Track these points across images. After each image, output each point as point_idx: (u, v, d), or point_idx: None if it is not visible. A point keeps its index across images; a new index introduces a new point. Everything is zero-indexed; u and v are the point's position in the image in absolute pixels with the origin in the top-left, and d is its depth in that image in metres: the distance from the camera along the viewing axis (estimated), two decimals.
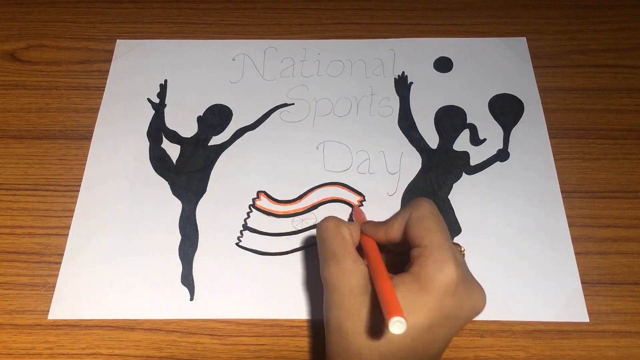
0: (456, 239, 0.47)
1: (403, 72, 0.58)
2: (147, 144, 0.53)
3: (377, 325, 0.33)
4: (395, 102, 0.56)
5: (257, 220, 0.49)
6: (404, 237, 0.36)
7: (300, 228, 0.48)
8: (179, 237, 0.48)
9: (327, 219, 0.39)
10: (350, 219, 0.49)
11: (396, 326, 0.28)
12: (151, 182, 0.51)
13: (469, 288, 0.34)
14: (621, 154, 0.52)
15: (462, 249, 0.38)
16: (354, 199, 0.50)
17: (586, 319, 0.44)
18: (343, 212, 0.49)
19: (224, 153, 0.53)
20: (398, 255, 0.38)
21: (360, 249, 0.38)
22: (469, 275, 0.35)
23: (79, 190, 0.50)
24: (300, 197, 0.50)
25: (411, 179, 0.51)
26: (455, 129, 0.54)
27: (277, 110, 0.55)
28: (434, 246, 0.33)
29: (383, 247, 0.39)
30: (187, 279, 0.46)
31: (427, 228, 0.35)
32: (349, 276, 0.35)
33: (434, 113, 0.55)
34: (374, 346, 0.33)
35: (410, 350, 0.33)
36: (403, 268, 0.35)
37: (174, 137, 0.53)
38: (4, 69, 0.58)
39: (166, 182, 0.51)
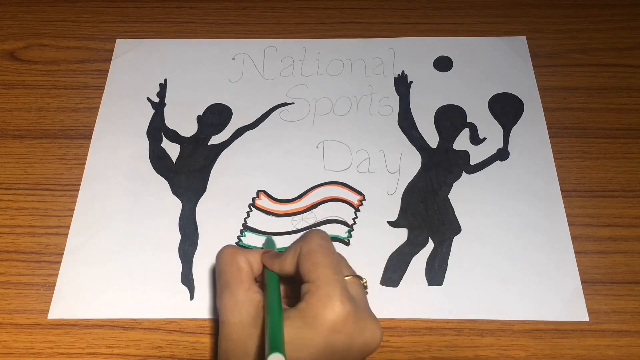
0: (456, 239, 0.47)
1: (403, 72, 0.58)
2: (147, 143, 0.53)
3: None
4: (395, 101, 0.56)
5: (257, 220, 0.49)
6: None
7: (300, 227, 0.48)
8: (178, 237, 0.48)
9: (224, 248, 0.38)
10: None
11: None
12: (151, 182, 0.51)
13: (360, 324, 0.33)
14: (621, 153, 0.52)
15: (364, 281, 0.37)
16: (354, 198, 0.50)
17: (586, 318, 0.44)
18: (343, 212, 0.49)
19: (223, 152, 0.53)
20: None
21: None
22: (362, 310, 0.34)
23: (78, 190, 0.50)
24: (300, 197, 0.50)
25: (411, 178, 0.51)
26: (455, 128, 0.54)
27: (277, 110, 0.55)
28: (321, 282, 0.33)
29: (290, 278, 0.38)
30: (187, 278, 0.46)
31: (315, 262, 0.34)
32: (240, 307, 0.35)
33: (434, 112, 0.55)
34: None
35: None
36: None
37: (174, 136, 0.53)
38: (4, 68, 0.58)
39: (166, 182, 0.51)
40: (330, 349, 0.32)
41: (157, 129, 0.54)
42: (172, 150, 0.53)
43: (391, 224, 0.48)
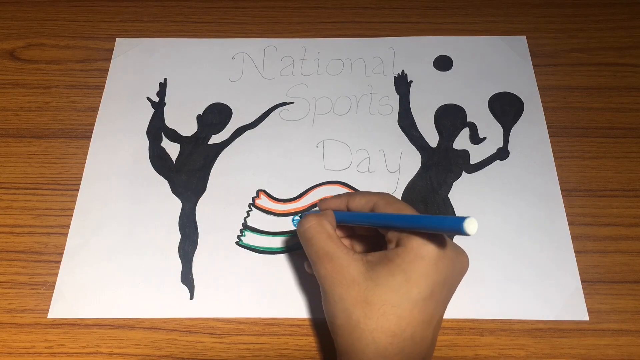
0: (455, 238, 0.47)
1: (403, 71, 0.58)
2: (147, 142, 0.53)
3: (385, 307, 0.34)
4: (395, 100, 0.56)
5: (257, 219, 0.49)
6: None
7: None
8: (178, 236, 0.48)
9: (306, 218, 0.39)
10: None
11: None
12: (151, 181, 0.51)
13: (454, 250, 0.36)
14: (621, 153, 0.52)
15: None
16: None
17: (586, 318, 0.44)
18: None
19: (223, 152, 0.53)
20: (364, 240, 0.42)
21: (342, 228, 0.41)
22: (450, 239, 0.36)
23: (78, 189, 0.50)
24: (300, 196, 0.50)
25: (411, 178, 0.51)
26: (455, 127, 0.54)
27: (277, 109, 0.55)
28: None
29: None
30: (187, 278, 0.46)
31: (399, 209, 0.37)
32: (347, 268, 0.35)
33: (434, 112, 0.55)
34: (385, 326, 0.33)
35: (419, 322, 0.34)
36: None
37: (174, 135, 0.53)
38: (4, 67, 0.58)
39: (166, 181, 0.51)
40: (440, 277, 0.34)
41: (157, 129, 0.54)
42: (172, 149, 0.53)
43: None
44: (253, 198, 0.50)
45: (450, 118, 0.54)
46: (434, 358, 0.42)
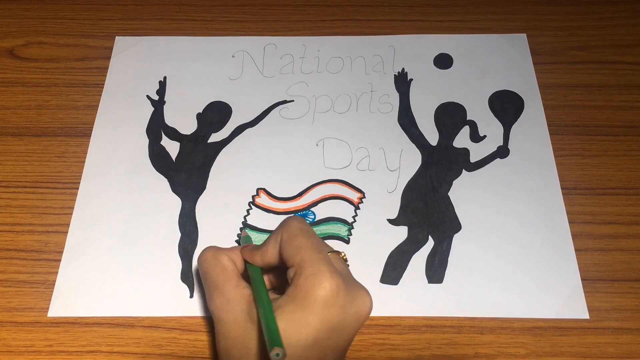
0: (456, 236, 0.47)
1: (403, 69, 0.58)
2: (147, 141, 0.53)
3: (264, 351, 0.32)
4: (395, 98, 0.56)
5: (257, 218, 0.49)
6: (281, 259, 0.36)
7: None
8: (178, 234, 0.48)
9: (205, 250, 0.39)
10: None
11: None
12: (150, 180, 0.51)
13: (351, 295, 0.33)
14: (621, 151, 0.52)
15: (343, 255, 0.37)
16: (354, 196, 0.50)
17: (586, 316, 0.44)
18: (343, 209, 0.49)
19: (223, 150, 0.52)
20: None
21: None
22: (350, 281, 0.34)
23: (78, 188, 0.50)
24: (300, 194, 0.50)
25: (411, 176, 0.51)
26: (455, 125, 0.54)
27: (277, 107, 0.55)
28: (305, 262, 0.33)
29: (274, 268, 0.39)
30: (187, 276, 0.46)
31: (298, 246, 0.34)
32: (232, 305, 0.35)
33: (434, 110, 0.55)
34: None
35: None
36: None
37: (174, 134, 0.53)
38: (3, 66, 0.58)
39: (165, 180, 0.51)
40: (326, 325, 0.32)
41: (157, 127, 0.54)
42: (172, 148, 0.53)
43: (391, 221, 0.48)
44: (253, 196, 0.50)
45: (451, 116, 0.54)
46: (433, 357, 0.42)
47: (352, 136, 0.53)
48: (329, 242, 0.47)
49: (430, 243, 0.47)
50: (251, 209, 0.49)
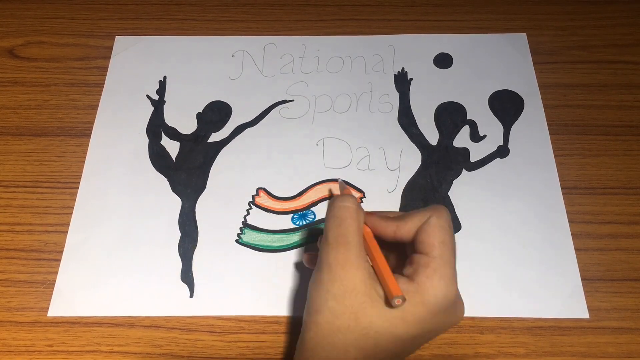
0: (456, 236, 0.47)
1: (403, 69, 0.58)
2: (147, 140, 0.53)
3: (371, 327, 0.33)
4: (395, 98, 0.56)
5: (257, 217, 0.49)
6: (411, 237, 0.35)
7: (300, 225, 0.48)
8: (178, 234, 0.48)
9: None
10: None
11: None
12: (150, 179, 0.51)
13: (457, 304, 0.34)
14: (621, 150, 0.52)
15: None
16: (354, 195, 0.50)
17: (586, 316, 0.44)
18: None
19: (223, 150, 0.52)
20: (389, 249, 0.38)
21: None
22: (458, 291, 0.35)
23: (78, 187, 0.50)
24: (300, 194, 0.50)
25: (411, 176, 0.51)
26: (455, 125, 0.54)
27: (277, 107, 0.55)
28: (441, 262, 0.33)
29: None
30: (187, 276, 0.46)
31: (443, 241, 0.34)
32: (355, 271, 0.33)
33: (434, 109, 0.55)
34: (362, 345, 0.33)
35: (393, 355, 0.34)
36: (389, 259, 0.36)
37: (174, 133, 0.53)
38: (3, 65, 0.58)
39: (165, 179, 0.51)
40: (431, 326, 0.34)
41: (157, 127, 0.54)
42: (172, 147, 0.53)
43: None
44: (253, 196, 0.50)
45: (451, 116, 0.54)
46: (433, 356, 0.42)
47: (352, 136, 0.53)
48: None
49: None
50: (251, 208, 0.49)
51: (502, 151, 0.52)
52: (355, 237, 0.34)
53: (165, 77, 0.57)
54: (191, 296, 0.45)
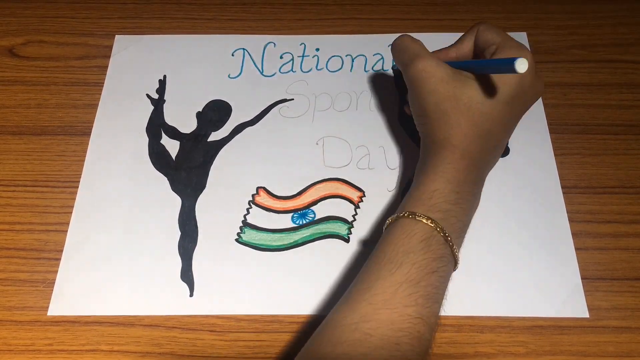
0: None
1: None
2: (146, 140, 0.53)
3: (473, 102, 0.40)
4: (395, 97, 0.56)
5: (257, 216, 0.49)
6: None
7: (300, 224, 0.48)
8: (178, 233, 0.48)
9: (402, 35, 0.45)
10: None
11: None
12: (150, 178, 0.51)
13: (537, 74, 0.41)
14: (621, 150, 0.52)
15: None
16: (354, 194, 0.50)
17: (586, 315, 0.44)
18: (343, 208, 0.49)
19: (223, 149, 0.52)
20: None
21: None
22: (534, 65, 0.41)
23: (78, 187, 0.50)
24: (300, 193, 0.50)
25: (411, 175, 0.51)
26: None
27: (277, 106, 0.55)
28: (507, 40, 0.41)
29: None
30: (187, 275, 0.46)
31: (499, 32, 0.42)
32: (436, 68, 0.40)
33: None
34: (469, 116, 0.40)
35: (497, 121, 0.40)
36: None
37: (173, 132, 0.53)
38: (3, 64, 0.58)
39: (165, 178, 0.51)
40: (523, 87, 0.40)
41: (157, 126, 0.54)
42: (172, 147, 0.53)
43: None
44: (253, 195, 0.50)
45: None
46: (433, 356, 0.42)
47: (352, 135, 0.53)
48: (328, 240, 0.47)
49: None
50: (251, 207, 0.49)
51: None
52: (423, 51, 0.42)
53: (165, 76, 0.57)
54: (191, 295, 0.45)
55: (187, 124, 0.54)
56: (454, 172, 0.39)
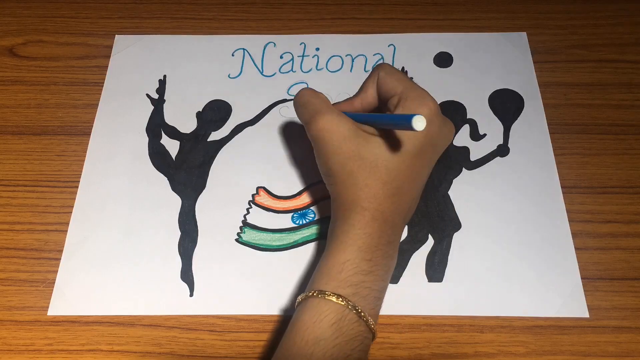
0: (456, 235, 0.47)
1: (403, 68, 0.58)
2: (146, 139, 0.53)
3: (379, 159, 0.38)
4: None
5: (257, 216, 0.49)
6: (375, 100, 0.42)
7: (300, 224, 0.48)
8: (178, 233, 0.48)
9: (303, 89, 0.42)
10: None
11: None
12: (150, 178, 0.51)
13: (443, 119, 0.39)
14: (621, 149, 0.52)
15: None
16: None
17: (586, 315, 0.44)
18: None
19: (223, 149, 0.52)
20: None
21: None
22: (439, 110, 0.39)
23: (78, 186, 0.50)
24: (300, 193, 0.50)
25: None
26: (455, 124, 0.54)
27: (277, 106, 0.55)
28: (408, 89, 0.39)
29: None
30: (187, 275, 0.46)
31: (399, 79, 0.40)
32: (338, 125, 0.38)
33: None
34: (377, 175, 0.37)
35: (406, 176, 0.38)
36: None
37: (173, 132, 0.53)
38: (3, 64, 0.58)
39: (165, 178, 0.51)
40: (428, 139, 0.38)
41: (157, 126, 0.54)
42: (172, 146, 0.53)
43: None
44: (253, 195, 0.50)
45: (451, 115, 0.54)
46: (433, 355, 0.42)
47: None
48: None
49: (430, 242, 0.47)
50: (251, 207, 0.49)
51: (502, 150, 0.52)
52: (324, 106, 0.39)
53: (165, 76, 0.57)
54: (191, 295, 0.45)
55: (187, 124, 0.54)
56: (365, 238, 0.37)
